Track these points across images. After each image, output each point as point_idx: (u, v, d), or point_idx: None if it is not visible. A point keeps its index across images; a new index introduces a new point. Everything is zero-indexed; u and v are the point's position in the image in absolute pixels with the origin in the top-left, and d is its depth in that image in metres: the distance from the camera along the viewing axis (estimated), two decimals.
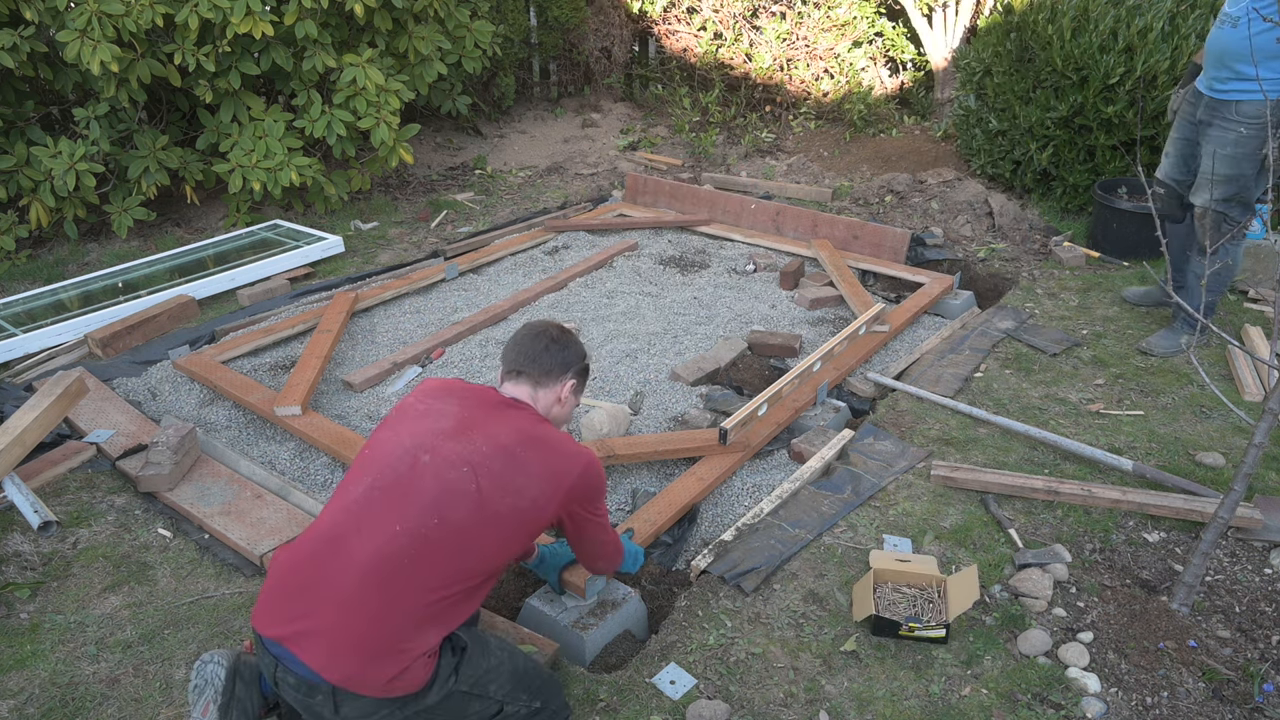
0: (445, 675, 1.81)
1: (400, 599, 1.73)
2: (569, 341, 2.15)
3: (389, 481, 1.82)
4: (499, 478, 1.83)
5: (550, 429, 2.01)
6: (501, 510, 1.82)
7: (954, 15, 7.20)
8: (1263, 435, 2.20)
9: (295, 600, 1.76)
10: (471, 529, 1.79)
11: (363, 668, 1.69)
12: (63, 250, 5.15)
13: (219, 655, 1.95)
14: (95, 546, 2.83)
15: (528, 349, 2.10)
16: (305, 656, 1.70)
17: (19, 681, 2.33)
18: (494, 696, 1.89)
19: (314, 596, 1.74)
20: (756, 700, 2.23)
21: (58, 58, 4.91)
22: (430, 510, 1.77)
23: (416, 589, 1.74)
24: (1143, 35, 4.81)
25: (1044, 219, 5.40)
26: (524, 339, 2.12)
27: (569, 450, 1.98)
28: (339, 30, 5.29)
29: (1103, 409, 3.47)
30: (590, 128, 7.58)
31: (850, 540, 2.78)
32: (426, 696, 1.78)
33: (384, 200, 6.00)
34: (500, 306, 4.37)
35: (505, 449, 1.88)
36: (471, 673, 1.85)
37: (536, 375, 2.08)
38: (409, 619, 1.73)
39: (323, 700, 1.72)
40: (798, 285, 4.67)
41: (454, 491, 1.79)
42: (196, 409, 3.64)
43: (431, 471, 1.81)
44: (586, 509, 2.04)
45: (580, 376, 2.18)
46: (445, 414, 1.94)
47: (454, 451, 1.84)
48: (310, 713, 1.76)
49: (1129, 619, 2.42)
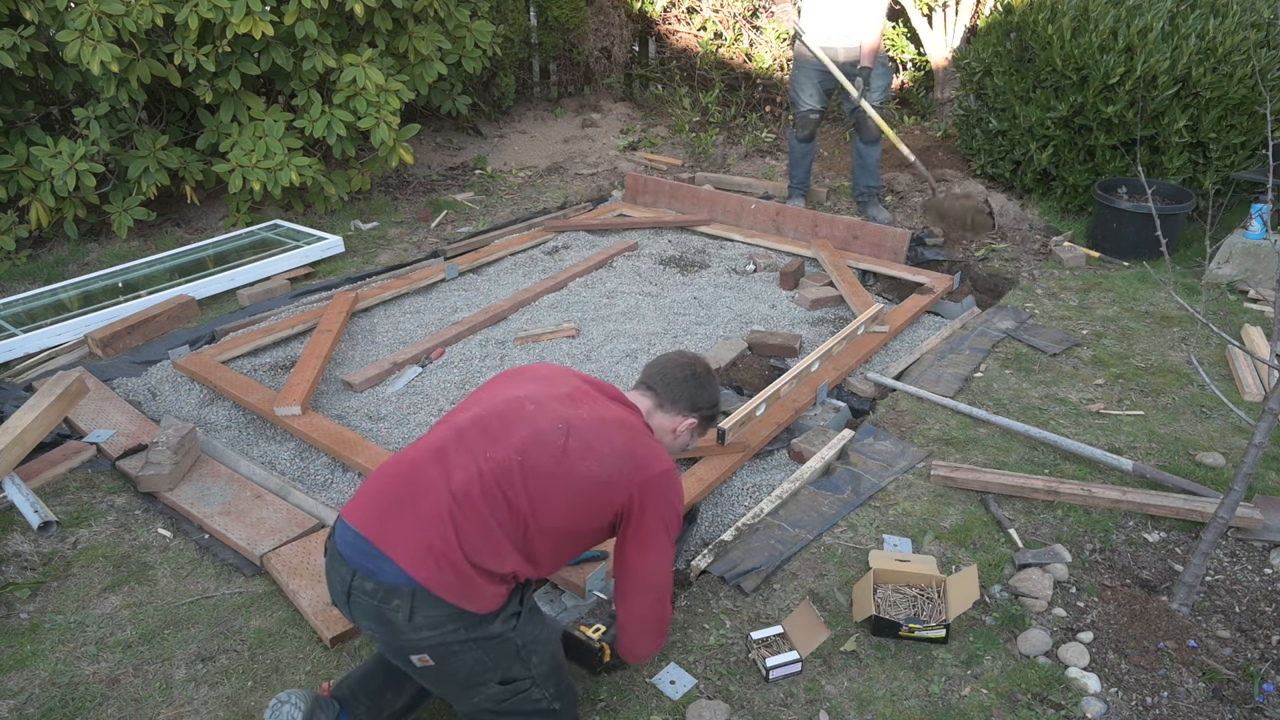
0: (510, 612, 1.87)
1: (482, 522, 1.80)
2: (709, 383, 2.17)
3: (493, 416, 1.92)
4: (588, 442, 1.89)
5: (649, 435, 2.05)
6: (578, 471, 1.87)
7: (954, 15, 7.20)
8: (1263, 435, 2.20)
9: (391, 503, 1.84)
10: (546, 479, 1.85)
11: (443, 573, 1.76)
12: (63, 250, 5.15)
13: (296, 697, 1.99)
14: (95, 546, 2.83)
15: (668, 371, 2.14)
16: (394, 554, 1.77)
17: (19, 681, 2.33)
18: (532, 670, 1.92)
19: (409, 502, 1.82)
20: (756, 700, 2.23)
21: (58, 58, 4.91)
22: (518, 448, 1.85)
23: (495, 518, 1.81)
24: (1143, 35, 4.81)
25: (1044, 219, 5.40)
26: (669, 361, 2.17)
27: (659, 451, 2.01)
28: (339, 30, 5.29)
29: (1103, 409, 3.47)
30: (590, 128, 7.58)
31: (850, 540, 2.78)
32: (492, 623, 1.83)
33: (384, 200, 6.00)
34: (500, 306, 4.37)
35: (604, 421, 1.95)
36: (529, 631, 1.92)
37: (664, 397, 2.13)
38: (486, 543, 1.80)
39: (399, 604, 1.77)
40: (798, 285, 4.67)
41: (543, 441, 1.87)
42: (196, 409, 3.64)
43: (531, 417, 1.91)
44: (654, 511, 1.97)
45: (706, 422, 2.20)
46: (564, 383, 2.03)
47: (557, 410, 1.93)
48: (381, 621, 1.80)
49: (1129, 619, 2.42)
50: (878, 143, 5.35)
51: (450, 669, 1.85)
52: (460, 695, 1.92)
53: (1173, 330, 4.09)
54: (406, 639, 1.80)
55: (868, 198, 5.55)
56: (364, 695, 2.07)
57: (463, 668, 1.85)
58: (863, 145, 5.39)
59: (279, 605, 2.60)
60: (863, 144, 5.38)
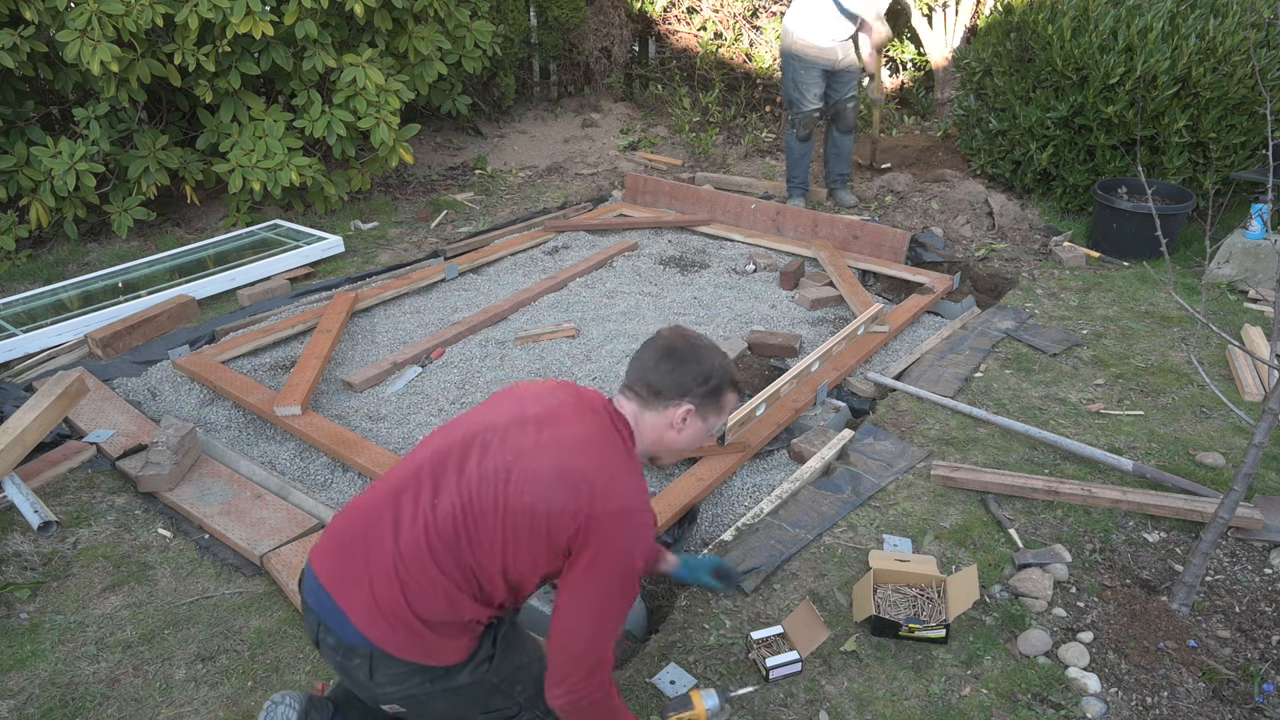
0: (480, 660, 1.77)
1: (431, 580, 1.67)
2: (692, 357, 1.81)
3: (448, 456, 1.74)
4: (534, 471, 1.67)
5: (628, 461, 1.77)
6: (515, 506, 1.65)
7: (954, 15, 7.20)
8: (1263, 435, 2.20)
9: (347, 554, 1.74)
10: (486, 522, 1.67)
11: (396, 634, 1.67)
12: (63, 250, 5.15)
13: (290, 698, 1.96)
14: (95, 546, 2.83)
15: (643, 362, 1.84)
16: (349, 611, 1.69)
17: (19, 681, 2.33)
18: (516, 698, 1.85)
19: (362, 556, 1.72)
20: (756, 700, 2.23)
21: (58, 58, 4.91)
22: (462, 493, 1.68)
23: (444, 573, 1.67)
24: (1143, 35, 4.81)
25: (1044, 219, 5.40)
26: (643, 351, 1.86)
27: (628, 488, 1.71)
28: (339, 30, 5.29)
29: (1103, 409, 3.47)
30: (590, 128, 7.58)
31: (850, 540, 2.78)
32: (459, 675, 1.75)
33: (384, 200, 6.00)
34: (500, 306, 4.37)
35: (565, 445, 1.71)
36: (505, 667, 1.82)
37: (644, 395, 1.81)
38: (439, 599, 1.68)
39: (359, 663, 1.71)
40: (798, 285, 4.67)
41: (486, 478, 1.68)
42: (196, 409, 3.64)
43: (482, 451, 1.72)
44: (597, 555, 1.66)
45: (709, 399, 1.83)
46: (541, 403, 1.80)
47: (514, 440, 1.72)
48: (348, 675, 1.77)
49: (1129, 619, 2.42)
50: (853, 133, 5.65)
51: (424, 713, 1.80)
52: None
53: (1173, 330, 4.09)
54: (373, 693, 1.76)
55: (839, 184, 5.83)
56: (359, 698, 2.07)
57: (437, 710, 1.79)
58: (839, 135, 5.65)
59: (279, 605, 2.60)
60: (839, 134, 5.64)
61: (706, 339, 1.87)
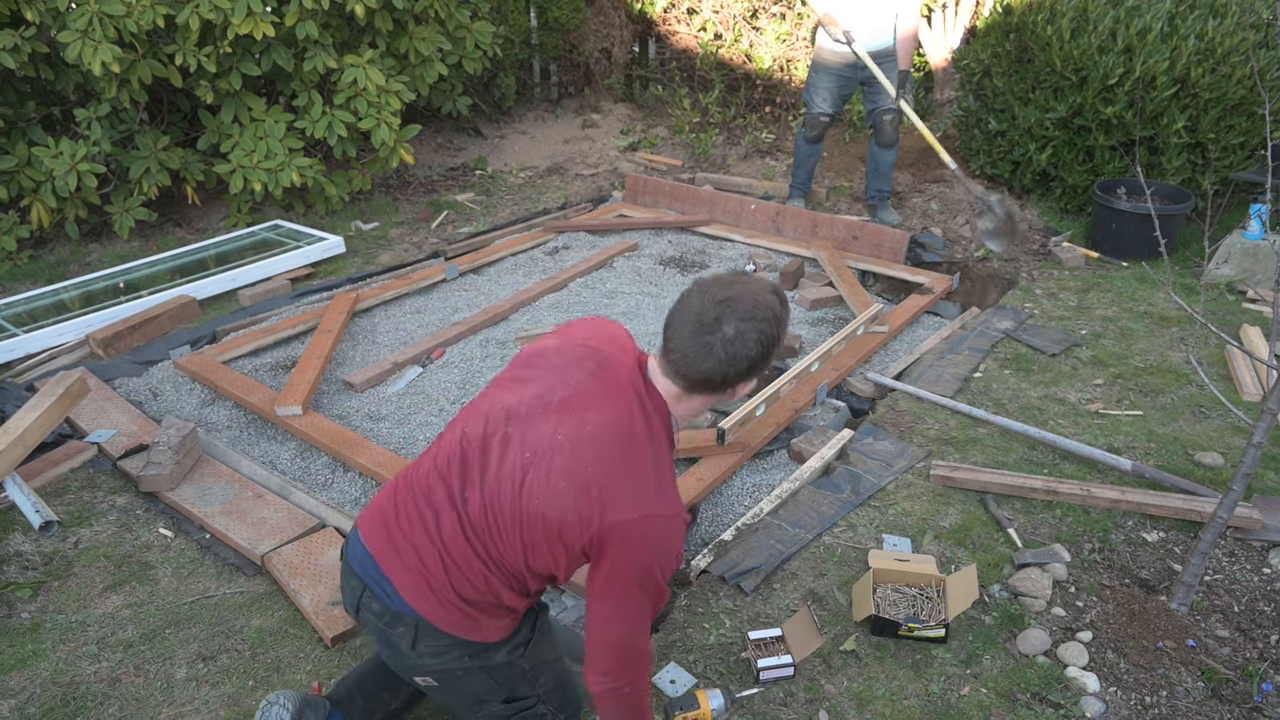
0: (518, 642, 1.82)
1: (472, 568, 1.71)
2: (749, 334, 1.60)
3: (475, 443, 1.72)
4: (546, 475, 1.62)
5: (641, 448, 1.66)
6: (528, 510, 1.63)
7: (953, 15, 7.21)
8: (1261, 435, 2.21)
9: (398, 529, 1.76)
10: (506, 522, 1.67)
11: (445, 610, 1.71)
12: (64, 250, 5.15)
13: (284, 698, 1.98)
14: (96, 546, 2.84)
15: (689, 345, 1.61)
16: (397, 582, 1.72)
17: (20, 681, 2.34)
18: (538, 689, 1.89)
19: (411, 535, 1.75)
20: (756, 700, 2.23)
21: (59, 58, 4.91)
22: (487, 491, 1.68)
23: (484, 563, 1.71)
24: (1142, 36, 4.81)
25: (1043, 219, 5.41)
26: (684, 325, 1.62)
27: (650, 490, 1.63)
28: (340, 31, 5.29)
29: (1102, 409, 3.47)
30: (590, 128, 7.59)
31: (850, 540, 2.79)
32: (498, 652, 1.79)
33: (384, 201, 6.01)
34: (500, 307, 4.37)
35: (584, 442, 1.63)
36: (537, 655, 1.86)
37: (689, 381, 1.65)
38: (480, 585, 1.71)
39: (404, 631, 1.74)
40: (797, 286, 4.68)
41: (505, 479, 1.66)
42: (197, 409, 3.65)
43: (504, 450, 1.69)
44: (615, 562, 1.63)
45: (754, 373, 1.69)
46: (567, 381, 1.70)
47: (535, 433, 1.66)
48: (387, 643, 1.79)
49: (1128, 618, 2.43)
50: (894, 147, 5.34)
51: (454, 689, 1.84)
52: (464, 710, 1.91)
53: (1171, 330, 4.09)
54: (410, 663, 1.79)
55: (879, 201, 5.50)
56: (360, 695, 2.07)
57: (467, 689, 1.84)
58: (878, 149, 5.33)
59: (280, 605, 2.60)
60: (878, 148, 5.32)
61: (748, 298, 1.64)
